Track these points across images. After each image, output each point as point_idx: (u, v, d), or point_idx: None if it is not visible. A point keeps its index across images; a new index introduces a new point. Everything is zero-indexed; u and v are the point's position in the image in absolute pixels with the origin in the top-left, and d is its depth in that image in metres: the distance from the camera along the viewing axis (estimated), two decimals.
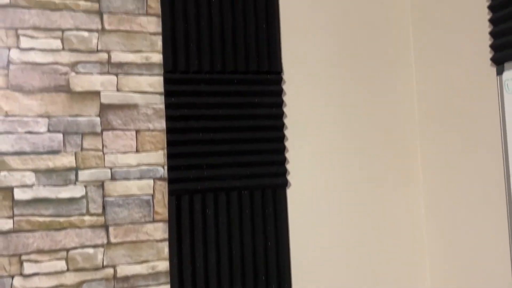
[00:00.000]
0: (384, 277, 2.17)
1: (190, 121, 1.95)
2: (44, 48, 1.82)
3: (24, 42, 1.80)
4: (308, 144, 2.13)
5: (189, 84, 1.97)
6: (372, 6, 2.27)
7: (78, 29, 1.86)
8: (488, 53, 1.84)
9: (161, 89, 1.95)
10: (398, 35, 2.30)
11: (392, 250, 2.19)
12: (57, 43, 1.84)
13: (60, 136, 1.81)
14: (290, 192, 2.07)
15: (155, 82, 1.95)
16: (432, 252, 2.18)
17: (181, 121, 1.94)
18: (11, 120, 1.77)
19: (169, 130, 1.93)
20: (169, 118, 1.93)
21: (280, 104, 2.08)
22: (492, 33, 1.78)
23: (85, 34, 1.87)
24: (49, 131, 1.80)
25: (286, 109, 2.12)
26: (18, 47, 1.79)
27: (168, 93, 1.94)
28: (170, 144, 1.92)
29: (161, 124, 1.94)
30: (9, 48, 1.78)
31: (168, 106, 1.93)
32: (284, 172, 2.05)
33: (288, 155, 2.10)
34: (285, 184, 2.05)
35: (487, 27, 1.83)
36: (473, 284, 1.93)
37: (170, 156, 1.91)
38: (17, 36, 1.79)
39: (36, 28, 1.82)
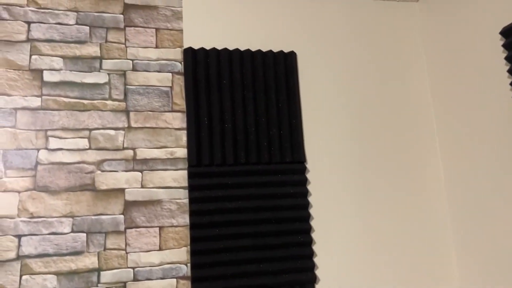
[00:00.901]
0: None
1: (214, 216, 1.91)
2: (71, 148, 1.85)
3: (53, 143, 1.83)
4: (335, 235, 2.05)
5: (213, 177, 1.95)
6: (393, 95, 2.27)
7: (105, 128, 1.90)
8: None
9: (185, 183, 1.94)
10: (422, 126, 2.28)
11: None
12: (84, 143, 1.87)
13: (83, 236, 1.79)
14: None
15: (180, 176, 1.94)
16: None
17: (205, 215, 1.90)
18: (36, 221, 1.76)
19: (193, 226, 1.89)
20: (193, 213, 1.90)
21: (305, 193, 2.04)
22: None
23: (112, 132, 1.90)
24: (73, 231, 1.78)
25: (311, 199, 2.07)
26: (46, 148, 1.82)
27: (192, 187, 1.92)
28: (194, 240, 1.87)
29: (185, 219, 1.91)
30: (38, 150, 1.81)
31: (192, 200, 1.91)
32: (312, 267, 1.96)
33: (315, 247, 2.02)
34: (313, 279, 1.95)
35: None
36: None
37: (193, 253, 1.86)
38: (46, 138, 1.83)
39: (64, 129, 1.86)
